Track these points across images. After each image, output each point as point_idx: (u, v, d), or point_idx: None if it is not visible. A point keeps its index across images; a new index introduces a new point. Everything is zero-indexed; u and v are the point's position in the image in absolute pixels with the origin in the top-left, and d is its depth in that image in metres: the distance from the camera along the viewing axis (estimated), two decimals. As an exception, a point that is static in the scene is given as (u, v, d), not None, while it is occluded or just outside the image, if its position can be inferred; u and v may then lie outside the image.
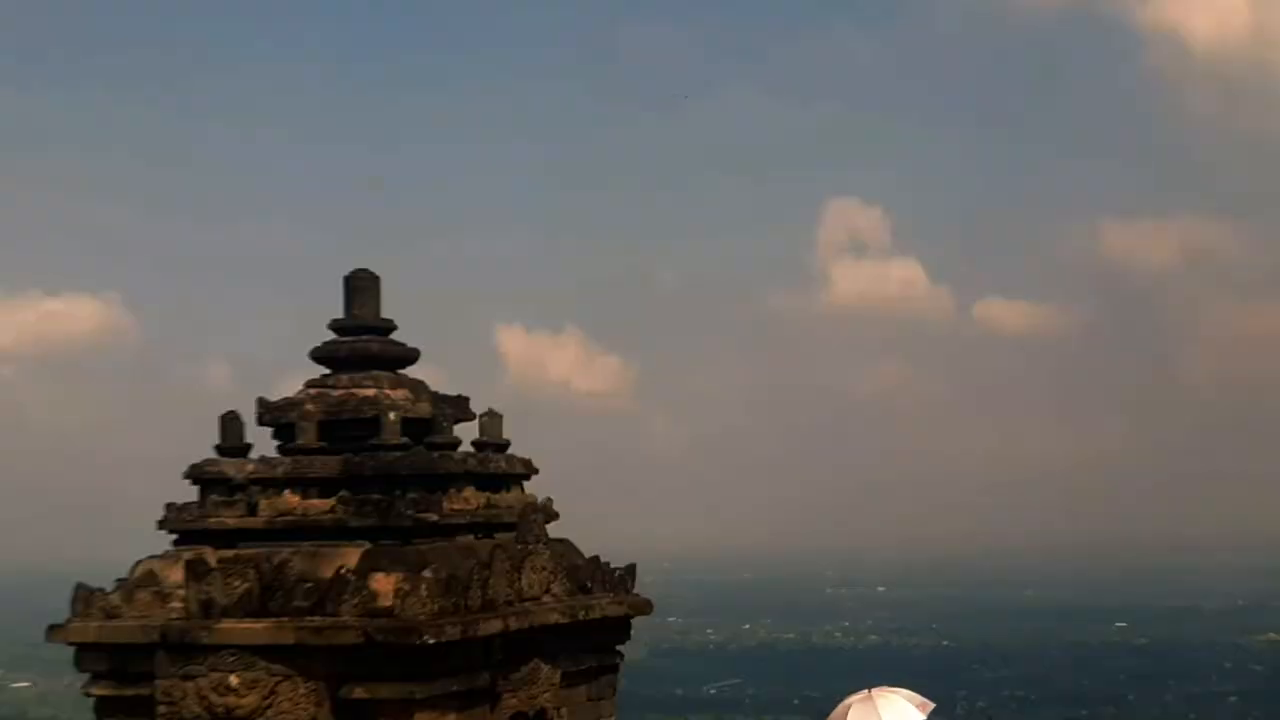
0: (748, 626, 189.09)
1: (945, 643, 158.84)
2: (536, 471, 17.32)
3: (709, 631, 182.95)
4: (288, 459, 16.02)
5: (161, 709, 14.98)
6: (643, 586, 17.95)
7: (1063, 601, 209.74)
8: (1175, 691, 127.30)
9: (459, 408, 16.95)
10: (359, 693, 14.50)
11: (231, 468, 16.09)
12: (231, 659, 14.68)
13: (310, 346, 17.07)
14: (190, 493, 16.33)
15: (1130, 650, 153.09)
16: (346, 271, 17.05)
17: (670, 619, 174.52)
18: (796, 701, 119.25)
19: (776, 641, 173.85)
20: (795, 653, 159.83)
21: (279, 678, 14.60)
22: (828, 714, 22.47)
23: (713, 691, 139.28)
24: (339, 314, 17.05)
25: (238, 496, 15.93)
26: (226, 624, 14.83)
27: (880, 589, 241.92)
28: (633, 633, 18.00)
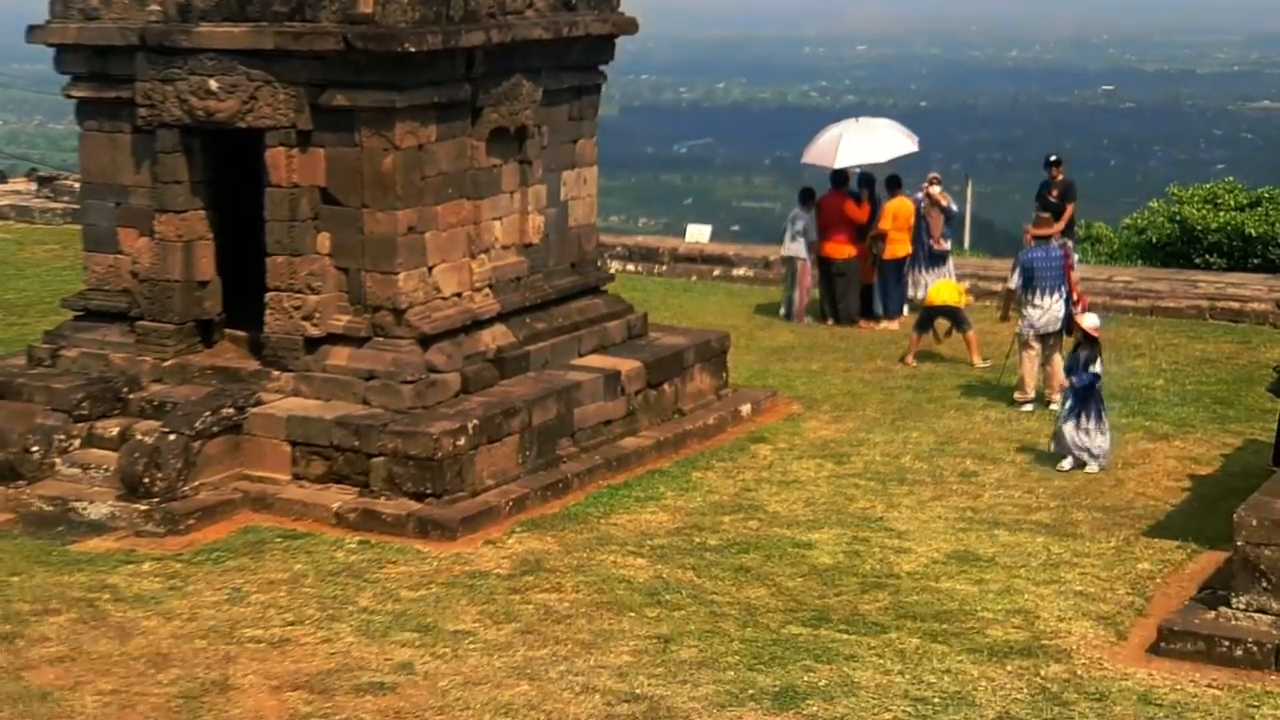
0: (721, 85, 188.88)
1: (923, 104, 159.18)
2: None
3: (681, 90, 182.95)
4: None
5: (142, 111, 15.61)
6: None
7: (1048, 63, 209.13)
8: (1160, 157, 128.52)
9: None
10: (339, 100, 15.08)
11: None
12: (211, 63, 15.20)
13: None
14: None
15: (1116, 114, 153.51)
16: None
17: (643, 76, 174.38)
18: (768, 161, 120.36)
19: (750, 101, 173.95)
20: (769, 112, 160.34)
21: (258, 83, 15.15)
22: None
23: (684, 150, 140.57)
24: None
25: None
26: (205, 27, 15.29)
27: (860, 48, 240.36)
28: (604, 90, 18.36)
